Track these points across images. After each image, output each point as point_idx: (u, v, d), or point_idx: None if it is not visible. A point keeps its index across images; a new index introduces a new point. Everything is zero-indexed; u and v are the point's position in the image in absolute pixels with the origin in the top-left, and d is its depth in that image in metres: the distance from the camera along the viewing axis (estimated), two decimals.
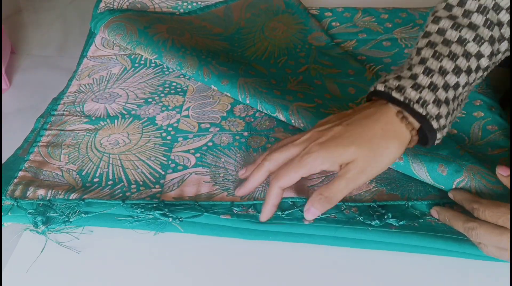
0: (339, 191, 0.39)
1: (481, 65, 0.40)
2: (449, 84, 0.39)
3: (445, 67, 0.39)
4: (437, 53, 0.40)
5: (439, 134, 0.40)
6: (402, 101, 0.38)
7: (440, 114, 0.39)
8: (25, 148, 0.52)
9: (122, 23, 0.66)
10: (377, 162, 0.39)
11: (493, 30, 0.40)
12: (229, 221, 0.44)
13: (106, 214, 0.45)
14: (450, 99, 0.39)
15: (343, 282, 0.42)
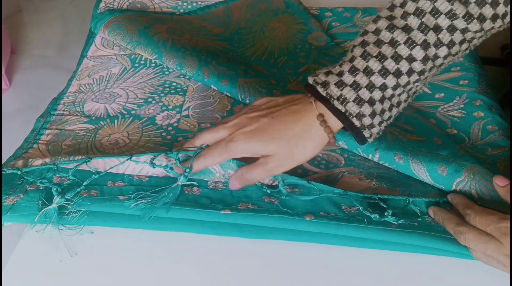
0: (257, 176, 0.44)
1: (414, 68, 0.39)
2: (374, 85, 0.39)
3: (371, 68, 0.39)
4: (365, 53, 0.39)
5: (366, 133, 0.41)
6: (324, 97, 0.40)
7: (362, 112, 0.39)
8: (25, 148, 0.52)
9: (122, 23, 0.66)
10: (293, 158, 0.42)
11: (427, 34, 0.38)
12: (229, 216, 0.44)
13: (106, 214, 0.45)
14: (376, 99, 0.39)
15: (343, 281, 0.42)
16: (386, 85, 0.39)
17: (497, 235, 0.38)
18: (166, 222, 0.45)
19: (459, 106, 0.57)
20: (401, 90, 0.40)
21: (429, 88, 0.61)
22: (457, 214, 0.43)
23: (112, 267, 0.43)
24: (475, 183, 0.45)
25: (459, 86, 0.61)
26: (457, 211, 0.44)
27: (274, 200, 0.46)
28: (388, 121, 0.42)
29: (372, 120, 0.40)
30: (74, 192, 0.45)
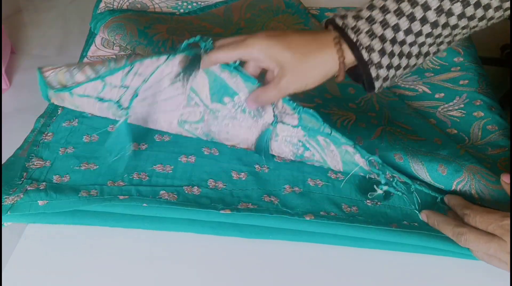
0: (271, 97, 0.45)
1: (427, 17, 0.40)
2: (388, 23, 0.40)
3: (387, 6, 0.40)
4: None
5: (373, 71, 0.41)
6: (339, 26, 0.42)
7: (372, 46, 0.40)
8: (25, 148, 0.52)
9: (122, 23, 0.66)
10: (304, 76, 0.43)
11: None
12: (229, 216, 0.44)
13: (106, 214, 0.45)
14: (387, 38, 0.40)
15: (343, 281, 0.42)
16: (399, 26, 0.40)
17: (499, 233, 0.38)
18: (166, 222, 0.45)
19: (459, 106, 0.57)
20: (412, 39, 0.41)
21: (429, 88, 0.61)
22: (453, 216, 0.43)
23: (112, 267, 0.43)
24: (475, 183, 0.45)
25: (459, 86, 0.61)
26: (453, 214, 0.44)
27: (274, 199, 0.46)
28: (397, 71, 0.42)
29: (381, 58, 0.41)
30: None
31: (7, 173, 0.48)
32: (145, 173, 0.48)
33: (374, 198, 0.47)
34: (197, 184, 0.47)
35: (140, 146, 0.52)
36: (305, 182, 0.48)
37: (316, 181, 0.49)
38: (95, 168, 0.49)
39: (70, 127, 0.54)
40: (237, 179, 0.48)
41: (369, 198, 0.46)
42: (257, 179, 0.48)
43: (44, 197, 0.45)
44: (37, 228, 0.46)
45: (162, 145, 0.52)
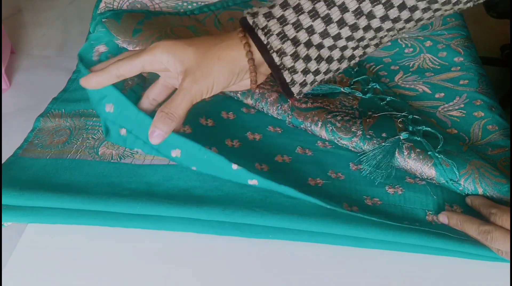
0: (178, 104, 0.39)
1: (345, 19, 0.37)
2: (302, 24, 0.37)
3: (302, 6, 0.37)
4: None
5: (287, 76, 0.38)
6: (250, 25, 0.38)
7: (283, 49, 0.37)
8: (25, 148, 0.52)
9: (120, 24, 0.66)
10: (209, 74, 0.39)
11: None
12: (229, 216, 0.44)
13: (106, 213, 0.45)
14: (300, 41, 0.37)
15: (343, 281, 0.42)
16: (314, 29, 0.37)
17: (510, 226, 0.38)
18: (166, 221, 0.45)
19: (459, 106, 0.57)
20: (330, 43, 0.38)
21: (429, 87, 0.61)
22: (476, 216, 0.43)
23: (112, 267, 0.43)
24: (479, 176, 0.45)
25: (459, 86, 0.61)
26: (475, 214, 0.43)
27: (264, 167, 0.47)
28: (317, 77, 0.39)
29: (294, 63, 0.38)
30: None
31: (7, 173, 0.48)
32: None
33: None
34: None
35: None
36: (305, 182, 0.48)
37: (316, 180, 0.49)
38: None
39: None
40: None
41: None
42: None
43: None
44: (37, 228, 0.46)
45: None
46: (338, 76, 0.62)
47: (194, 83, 0.39)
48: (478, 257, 0.43)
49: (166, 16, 0.71)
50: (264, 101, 0.56)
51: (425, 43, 0.68)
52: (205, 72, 0.39)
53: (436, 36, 0.69)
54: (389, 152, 0.49)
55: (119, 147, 0.52)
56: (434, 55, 0.66)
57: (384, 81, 0.62)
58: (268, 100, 0.55)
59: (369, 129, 0.51)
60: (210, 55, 0.39)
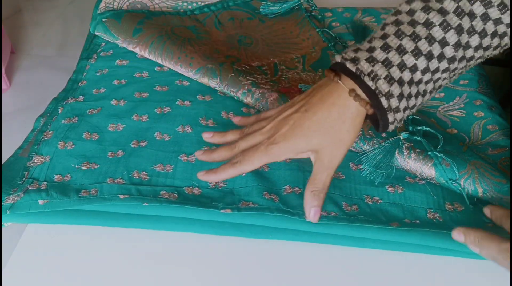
0: (322, 181, 0.41)
1: (445, 53, 0.38)
2: (406, 64, 0.38)
3: (404, 46, 0.38)
4: (399, 31, 0.38)
5: (390, 117, 0.39)
6: (353, 72, 0.38)
7: (391, 92, 0.38)
8: (26, 148, 0.52)
9: (120, 24, 0.66)
10: (343, 143, 0.41)
11: (462, 19, 0.37)
12: (229, 216, 0.44)
13: (106, 213, 0.45)
14: (405, 81, 0.38)
15: (343, 281, 0.42)
16: (417, 67, 0.38)
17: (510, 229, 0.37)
18: (166, 221, 0.45)
19: (459, 106, 0.57)
20: (428, 77, 0.39)
21: None
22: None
23: (112, 267, 0.43)
24: (479, 177, 0.45)
25: (459, 85, 0.61)
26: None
27: (274, 197, 0.46)
28: (412, 110, 0.40)
29: (399, 103, 0.38)
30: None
31: (8, 173, 0.48)
32: (145, 172, 0.48)
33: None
34: (198, 185, 0.47)
35: (140, 143, 0.52)
36: (305, 182, 0.48)
37: None
38: (96, 167, 0.49)
39: (69, 123, 0.54)
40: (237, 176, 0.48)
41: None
42: (257, 177, 0.48)
43: (45, 197, 0.45)
44: (37, 228, 0.46)
45: (162, 144, 0.52)
46: None
47: (334, 158, 0.41)
48: (479, 256, 0.43)
49: (166, 16, 0.71)
50: (264, 101, 0.56)
51: None
52: (339, 144, 0.41)
53: None
54: (389, 152, 0.49)
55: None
56: None
57: None
58: (268, 100, 0.55)
59: (369, 129, 0.51)
60: (336, 132, 0.40)
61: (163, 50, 0.62)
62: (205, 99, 0.59)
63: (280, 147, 0.41)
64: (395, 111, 0.39)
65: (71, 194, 0.45)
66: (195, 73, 0.60)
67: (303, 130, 0.41)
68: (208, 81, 0.60)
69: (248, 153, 0.42)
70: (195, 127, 0.54)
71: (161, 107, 0.57)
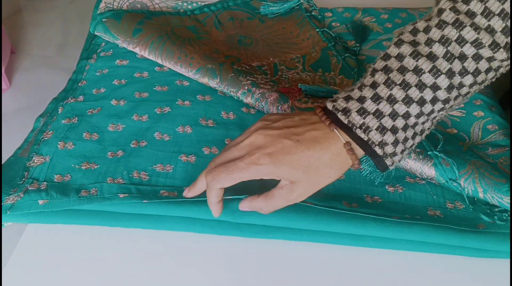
0: (277, 207, 0.41)
1: (438, 96, 0.38)
2: (398, 113, 0.38)
3: (394, 96, 0.38)
4: (389, 81, 0.38)
5: (388, 161, 0.39)
6: (345, 124, 0.39)
7: (385, 141, 0.38)
8: (26, 148, 0.52)
9: (120, 24, 0.66)
10: (318, 186, 0.40)
11: (452, 63, 0.37)
12: (229, 216, 0.44)
13: (106, 213, 0.45)
14: (398, 128, 0.38)
15: (343, 281, 0.42)
16: (410, 113, 0.38)
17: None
18: (166, 221, 0.45)
19: (459, 106, 0.57)
20: (424, 119, 0.39)
21: None
22: None
23: (112, 267, 0.43)
24: (478, 176, 0.45)
25: None
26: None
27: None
28: (411, 148, 0.41)
29: (395, 148, 0.39)
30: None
31: (8, 173, 0.48)
32: (145, 172, 0.48)
33: None
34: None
35: (140, 143, 0.52)
36: None
37: None
38: (96, 167, 0.49)
39: (69, 124, 0.54)
40: None
41: None
42: None
43: (45, 197, 0.45)
44: (37, 228, 0.46)
45: (162, 144, 0.52)
46: (338, 77, 0.62)
47: (303, 194, 0.40)
48: (480, 252, 0.43)
49: (166, 16, 0.71)
50: (264, 101, 0.56)
51: None
52: (315, 186, 0.40)
53: None
54: None
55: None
56: None
57: None
58: (268, 100, 0.55)
59: None
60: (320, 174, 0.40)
61: (163, 50, 0.62)
62: (205, 99, 0.59)
63: (265, 169, 0.39)
64: (392, 156, 0.39)
65: (71, 194, 0.45)
66: (195, 73, 0.60)
67: (292, 161, 0.39)
68: (208, 81, 0.60)
69: (227, 169, 0.40)
70: (195, 127, 0.54)
71: (161, 107, 0.57)
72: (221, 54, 0.64)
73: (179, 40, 0.64)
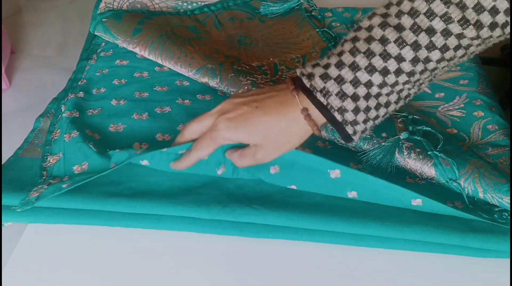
0: (246, 164, 0.45)
1: (402, 68, 0.38)
2: (360, 81, 0.38)
3: (357, 63, 0.38)
4: (354, 48, 0.39)
5: (349, 129, 0.40)
6: (308, 88, 0.40)
7: (344, 107, 0.39)
8: (26, 148, 0.52)
9: (120, 24, 0.66)
10: (280, 149, 0.43)
11: (418, 35, 0.37)
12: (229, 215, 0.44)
13: (106, 213, 0.45)
14: (360, 96, 0.39)
15: (343, 281, 0.42)
16: (372, 82, 0.39)
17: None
18: (166, 221, 0.45)
19: (459, 106, 0.58)
20: (388, 90, 0.39)
21: (429, 87, 0.61)
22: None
23: (112, 267, 0.43)
24: (478, 176, 0.45)
25: (459, 85, 0.61)
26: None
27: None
28: (376, 121, 0.41)
29: (356, 116, 0.39)
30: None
31: (7, 173, 0.48)
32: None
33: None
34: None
35: (142, 146, 0.52)
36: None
37: None
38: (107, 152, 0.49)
39: (71, 117, 0.54)
40: None
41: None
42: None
43: (67, 181, 0.46)
44: (37, 228, 0.46)
45: (164, 145, 0.52)
46: None
47: (267, 156, 0.43)
48: (480, 252, 0.43)
49: (166, 16, 0.71)
50: None
51: None
52: (276, 149, 0.43)
53: None
54: (389, 152, 0.49)
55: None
56: None
57: None
58: None
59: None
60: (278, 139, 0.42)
61: (163, 50, 0.62)
62: (205, 98, 0.59)
63: (221, 135, 0.42)
64: (353, 124, 0.40)
65: (92, 174, 0.46)
66: (195, 73, 0.60)
67: (248, 126, 0.41)
68: (208, 81, 0.60)
69: (199, 140, 0.44)
70: None
71: (161, 107, 0.57)
72: (221, 54, 0.64)
73: (179, 40, 0.64)
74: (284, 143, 0.42)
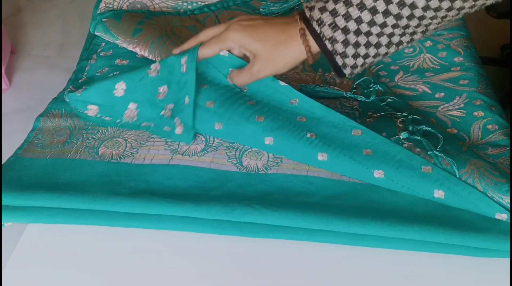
0: (244, 80, 0.51)
1: (390, 10, 0.41)
2: (351, 16, 0.42)
3: (350, 0, 0.42)
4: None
5: (339, 60, 0.44)
6: (307, 18, 0.45)
7: (335, 38, 0.44)
8: (26, 148, 0.52)
9: (120, 24, 0.66)
10: (274, 64, 0.48)
11: None
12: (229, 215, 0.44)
13: (106, 213, 0.45)
14: (350, 30, 0.43)
15: (343, 280, 0.42)
16: (362, 19, 0.42)
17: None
18: (166, 221, 0.45)
19: (459, 106, 0.57)
20: (377, 30, 0.43)
21: (429, 87, 0.61)
22: None
23: (112, 267, 0.43)
24: (479, 176, 0.45)
25: (459, 85, 0.61)
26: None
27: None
28: (366, 60, 0.44)
29: (345, 48, 0.44)
30: None
31: (7, 173, 0.48)
32: None
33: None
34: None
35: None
36: None
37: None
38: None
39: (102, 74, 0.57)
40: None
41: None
42: None
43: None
44: (37, 228, 0.46)
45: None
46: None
47: (262, 70, 0.49)
48: (480, 251, 0.43)
49: (166, 16, 0.71)
50: None
51: (425, 43, 0.68)
52: (271, 64, 0.48)
53: (436, 36, 0.69)
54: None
55: (119, 147, 0.52)
56: (434, 55, 0.66)
57: (384, 81, 0.62)
58: None
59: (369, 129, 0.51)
60: (275, 52, 0.47)
61: (163, 50, 0.62)
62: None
63: (230, 34, 0.49)
64: (343, 56, 0.44)
65: None
66: None
67: (253, 33, 0.48)
68: None
69: (209, 40, 0.51)
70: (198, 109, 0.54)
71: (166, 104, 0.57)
72: None
73: (179, 40, 0.64)
74: (279, 57, 0.47)
